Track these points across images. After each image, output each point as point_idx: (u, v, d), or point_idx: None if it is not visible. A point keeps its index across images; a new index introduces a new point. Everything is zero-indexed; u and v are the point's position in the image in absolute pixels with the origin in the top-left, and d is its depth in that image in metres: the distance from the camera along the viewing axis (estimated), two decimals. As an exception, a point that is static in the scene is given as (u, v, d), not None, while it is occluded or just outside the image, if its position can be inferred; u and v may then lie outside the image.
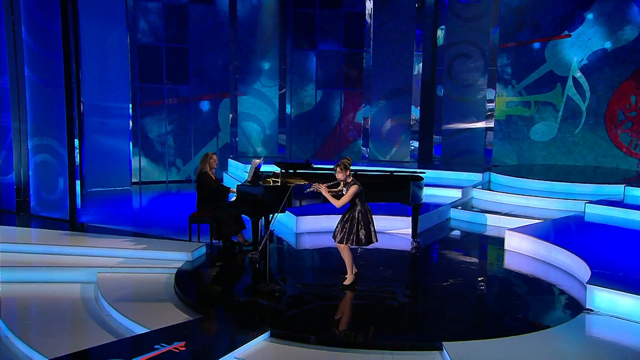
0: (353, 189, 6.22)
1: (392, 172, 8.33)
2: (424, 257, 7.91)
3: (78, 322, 5.82)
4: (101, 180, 12.26)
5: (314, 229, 8.86)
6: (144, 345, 4.83)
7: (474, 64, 13.14)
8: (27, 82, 9.50)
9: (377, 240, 6.39)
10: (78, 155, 9.24)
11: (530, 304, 6.35)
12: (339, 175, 6.27)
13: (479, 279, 7.15)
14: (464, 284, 6.90)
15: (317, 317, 5.75)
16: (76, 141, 9.20)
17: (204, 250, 7.63)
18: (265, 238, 6.39)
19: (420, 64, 13.40)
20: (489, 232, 9.36)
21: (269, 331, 5.18)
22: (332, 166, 6.53)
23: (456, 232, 9.49)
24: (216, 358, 4.65)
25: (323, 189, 6.39)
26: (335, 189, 6.47)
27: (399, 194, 7.80)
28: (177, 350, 4.77)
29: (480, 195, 11.21)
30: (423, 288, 6.76)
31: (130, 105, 12.78)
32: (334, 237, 6.38)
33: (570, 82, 13.29)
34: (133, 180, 12.99)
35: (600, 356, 4.89)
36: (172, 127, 13.46)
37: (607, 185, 10.88)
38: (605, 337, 5.34)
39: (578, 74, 13.19)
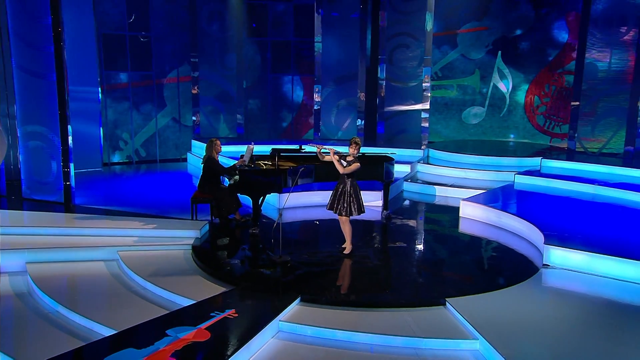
0: (357, 165, 6.68)
1: (364, 153, 8.79)
2: (398, 227, 8.43)
3: (119, 296, 5.93)
4: (75, 163, 11.93)
5: (295, 204, 9.23)
6: (201, 314, 5.13)
7: (412, 53, 13.79)
8: (15, 73, 9.15)
9: (364, 212, 6.91)
10: (71, 139, 9.07)
11: (499, 263, 7.10)
12: (352, 150, 6.72)
13: (450, 244, 7.84)
14: (439, 248, 7.60)
15: (331, 282, 6.20)
16: (69, 127, 9.02)
17: (207, 227, 7.85)
18: (277, 219, 6.69)
19: (365, 53, 13.89)
20: (439, 202, 10.12)
21: (300, 297, 5.61)
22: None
23: (413, 203, 10.16)
24: (267, 322, 5.03)
25: (332, 152, 6.81)
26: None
27: (374, 172, 8.32)
28: (231, 317, 5.11)
29: (423, 169, 11.97)
30: (409, 253, 7.30)
31: (100, 89, 12.50)
32: (332, 210, 6.82)
33: (495, 71, 14.28)
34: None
35: (565, 300, 5.76)
36: (134, 110, 13.25)
37: (527, 158, 11.96)
38: (564, 287, 6.17)
39: (502, 65, 14.19)
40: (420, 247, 7.60)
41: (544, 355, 4.61)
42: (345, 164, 6.76)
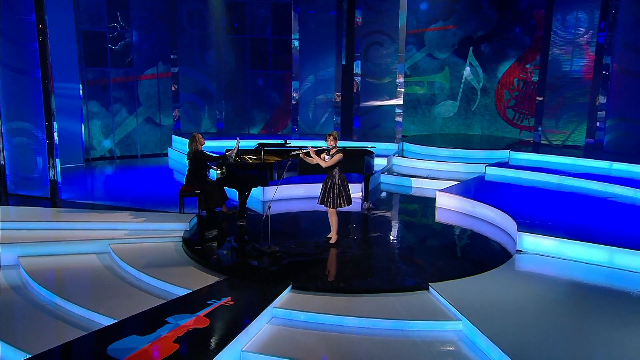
0: (339, 155, 6.82)
1: (344, 147, 8.92)
2: (378, 217, 8.59)
3: (114, 287, 5.97)
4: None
5: (279, 197, 9.29)
6: (199, 302, 5.22)
7: (386, 51, 13.99)
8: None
9: (351, 204, 7.07)
10: (56, 135, 9.00)
11: (476, 249, 7.35)
12: (330, 143, 6.85)
13: (428, 232, 8.06)
14: (418, 237, 7.81)
15: (320, 270, 6.34)
16: (55, 124, 8.95)
17: (195, 220, 7.90)
18: (266, 211, 6.77)
19: (341, 50, 14.05)
20: (415, 193, 10.34)
21: (291, 285, 5.74)
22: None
23: (391, 194, 10.35)
24: (262, 309, 5.15)
25: (312, 151, 6.93)
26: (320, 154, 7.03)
27: (356, 165, 8.48)
28: (228, 304, 5.21)
29: (399, 162, 12.16)
30: (391, 242, 7.54)
31: (80, 86, 12.36)
32: (323, 203, 6.96)
33: (467, 67, 14.56)
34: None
35: (538, 282, 6.08)
36: (114, 106, 13.13)
37: (496, 150, 12.28)
38: (536, 271, 6.45)
39: (473, 60, 14.48)
40: (400, 236, 7.81)
41: (522, 332, 4.85)
42: (327, 157, 6.89)
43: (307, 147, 7.09)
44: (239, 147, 8.00)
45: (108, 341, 4.38)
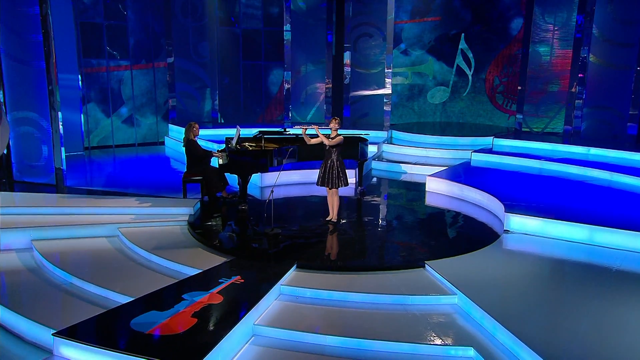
0: (340, 137, 7.06)
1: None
2: (372, 201, 8.79)
3: (127, 268, 6.07)
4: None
5: (275, 182, 9.46)
6: (211, 280, 5.38)
7: (375, 42, 14.12)
8: (3, 61, 8.98)
9: (348, 185, 7.27)
10: (62, 125, 9.04)
11: (466, 230, 7.60)
12: (333, 125, 7.09)
13: (420, 215, 8.28)
14: (411, 219, 8.02)
15: (321, 251, 6.53)
16: (59, 114, 8.99)
17: (199, 205, 8.03)
18: (269, 194, 6.93)
19: (332, 41, 14.15)
20: (405, 178, 10.53)
21: (296, 264, 5.92)
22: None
23: (383, 180, 10.53)
24: (270, 286, 5.33)
25: (316, 128, 7.17)
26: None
27: (350, 151, 8.61)
28: (238, 282, 5.38)
29: (388, 149, 12.33)
30: (385, 224, 7.72)
31: (79, 76, 12.33)
32: (323, 185, 7.15)
33: (459, 54, 14.66)
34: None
35: (525, 259, 6.33)
36: (111, 95, 13.13)
37: (480, 137, 12.51)
38: (523, 249, 6.71)
39: (465, 47, 14.58)
40: (394, 218, 8.02)
41: (512, 304, 5.09)
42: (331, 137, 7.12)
43: (313, 126, 7.26)
44: (239, 134, 8.12)
45: (130, 316, 4.53)
